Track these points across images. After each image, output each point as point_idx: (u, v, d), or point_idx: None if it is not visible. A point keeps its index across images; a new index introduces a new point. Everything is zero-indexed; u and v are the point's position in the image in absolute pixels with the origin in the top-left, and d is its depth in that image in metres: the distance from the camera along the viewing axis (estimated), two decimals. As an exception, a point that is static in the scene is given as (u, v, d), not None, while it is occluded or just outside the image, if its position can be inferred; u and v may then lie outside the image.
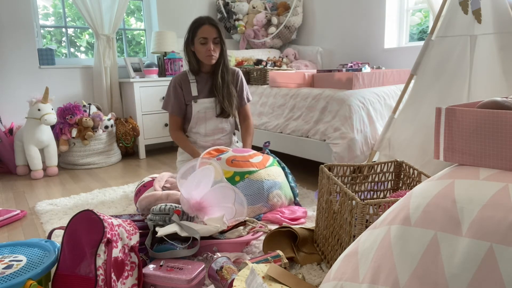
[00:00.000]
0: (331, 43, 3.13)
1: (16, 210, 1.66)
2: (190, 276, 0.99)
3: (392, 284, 0.56)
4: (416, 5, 2.70)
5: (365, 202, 0.94)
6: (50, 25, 2.89)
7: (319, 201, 1.24)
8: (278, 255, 1.09)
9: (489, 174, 0.60)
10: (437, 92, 1.58)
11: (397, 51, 2.67)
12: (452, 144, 0.66)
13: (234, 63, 2.77)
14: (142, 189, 1.58)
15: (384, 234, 0.62)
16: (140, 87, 2.78)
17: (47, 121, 2.26)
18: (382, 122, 1.93)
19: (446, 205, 0.57)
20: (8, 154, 2.40)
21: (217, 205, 1.26)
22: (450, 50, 1.55)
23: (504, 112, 0.59)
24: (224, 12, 3.30)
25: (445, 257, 0.53)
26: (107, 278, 0.90)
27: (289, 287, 0.93)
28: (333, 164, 1.26)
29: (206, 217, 1.26)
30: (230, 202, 1.27)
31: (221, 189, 1.28)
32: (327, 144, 1.86)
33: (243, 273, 0.95)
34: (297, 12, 3.25)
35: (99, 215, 0.96)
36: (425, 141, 1.60)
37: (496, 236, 0.50)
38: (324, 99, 1.95)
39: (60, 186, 2.15)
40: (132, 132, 2.76)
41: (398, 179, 1.32)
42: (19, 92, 2.64)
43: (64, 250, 0.96)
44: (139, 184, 1.63)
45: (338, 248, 1.06)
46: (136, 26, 3.32)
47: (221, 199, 1.27)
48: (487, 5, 1.48)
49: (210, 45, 1.71)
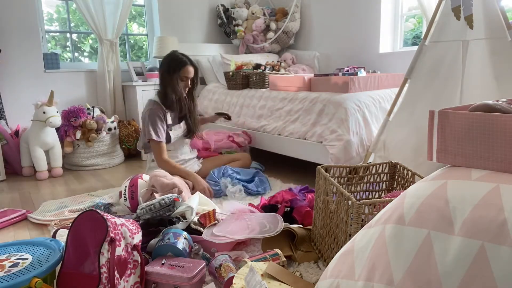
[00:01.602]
0: (328, 48, 3.16)
1: (22, 210, 1.69)
2: (191, 274, 1.00)
3: (387, 281, 0.57)
4: (410, 11, 2.73)
5: (360, 202, 0.96)
6: (54, 30, 2.94)
7: (316, 201, 1.26)
8: (276, 254, 1.11)
9: (480, 174, 0.60)
10: (431, 95, 1.59)
11: (391, 56, 2.70)
12: (445, 145, 0.67)
13: (233, 67, 2.82)
14: (134, 191, 1.60)
15: (379, 233, 0.63)
16: (142, 91, 2.83)
17: (52, 124, 2.30)
18: (377, 124, 1.95)
19: (439, 205, 0.58)
20: (14, 156, 2.44)
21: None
22: (443, 55, 1.56)
23: (495, 115, 0.60)
24: (224, 17, 3.35)
25: (438, 255, 0.54)
26: (110, 276, 0.91)
27: (287, 284, 0.94)
28: (330, 166, 1.28)
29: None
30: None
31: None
32: (324, 146, 1.90)
33: (243, 271, 0.97)
34: (295, 18, 3.30)
35: (103, 215, 0.96)
36: (418, 143, 1.61)
37: (487, 235, 0.51)
38: (321, 102, 1.99)
39: (65, 186, 2.19)
40: (134, 134, 2.81)
41: (393, 180, 1.34)
42: (25, 95, 2.69)
43: (68, 248, 0.97)
44: (125, 190, 1.61)
45: (335, 247, 1.08)
46: (138, 31, 3.38)
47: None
48: (479, 11, 1.50)
49: (188, 83, 1.96)
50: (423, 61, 1.61)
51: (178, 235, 1.18)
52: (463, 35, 1.53)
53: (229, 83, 2.80)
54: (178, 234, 1.18)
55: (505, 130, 0.60)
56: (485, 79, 1.50)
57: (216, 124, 2.88)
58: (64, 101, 2.82)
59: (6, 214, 1.64)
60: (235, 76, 2.72)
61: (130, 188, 1.62)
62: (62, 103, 2.78)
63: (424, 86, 1.62)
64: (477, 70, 1.52)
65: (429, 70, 1.60)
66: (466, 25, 1.52)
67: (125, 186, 1.63)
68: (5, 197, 2.02)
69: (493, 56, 1.48)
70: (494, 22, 1.48)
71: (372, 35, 2.79)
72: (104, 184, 2.21)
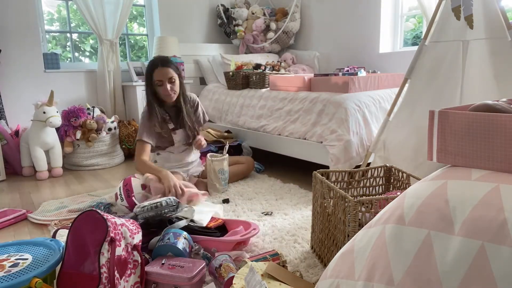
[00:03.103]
0: (328, 48, 3.17)
1: (22, 210, 1.69)
2: (191, 274, 1.00)
3: (387, 281, 0.57)
4: (410, 11, 2.73)
5: (357, 199, 0.96)
6: (55, 30, 2.95)
7: (314, 206, 1.26)
8: (276, 254, 1.11)
9: (480, 174, 0.60)
10: (431, 95, 1.59)
11: (391, 56, 2.70)
12: (445, 145, 0.67)
13: (233, 67, 2.82)
14: (130, 190, 1.60)
15: (379, 233, 0.63)
16: (142, 91, 2.80)
17: (52, 124, 2.31)
18: (377, 124, 1.95)
19: (439, 205, 0.58)
20: (14, 156, 2.44)
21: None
22: (443, 55, 1.56)
23: (495, 115, 0.61)
24: (224, 17, 3.36)
25: (438, 255, 0.54)
26: (110, 276, 0.91)
27: (287, 284, 0.94)
28: (326, 171, 1.29)
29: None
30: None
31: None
32: (324, 146, 1.90)
33: (243, 271, 0.97)
34: (295, 18, 3.30)
35: (103, 215, 0.96)
36: (418, 143, 1.61)
37: (487, 234, 0.51)
38: (321, 102, 1.99)
39: (65, 186, 2.19)
40: (134, 134, 2.80)
41: (389, 183, 1.35)
42: (25, 95, 2.69)
43: (68, 248, 0.97)
44: (120, 191, 1.61)
45: (334, 249, 1.08)
46: (138, 31, 3.38)
47: None
48: (479, 11, 1.50)
49: (167, 85, 1.80)
50: (423, 61, 1.61)
51: (178, 235, 1.18)
52: (463, 35, 1.53)
53: (229, 83, 2.81)
54: (178, 234, 1.18)
55: (505, 130, 0.60)
56: (485, 79, 1.50)
57: (213, 123, 2.88)
58: (64, 101, 2.82)
59: (6, 214, 1.65)
60: (235, 76, 2.72)
61: (125, 187, 1.61)
62: (62, 103, 2.78)
63: (424, 86, 1.62)
64: (477, 70, 1.52)
65: (429, 70, 1.60)
66: (466, 25, 1.52)
67: (119, 187, 1.64)
68: (5, 197, 2.02)
69: (493, 56, 1.48)
70: (494, 22, 1.48)
71: (372, 35, 2.79)
72: (104, 184, 2.22)
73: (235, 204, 1.77)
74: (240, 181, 2.14)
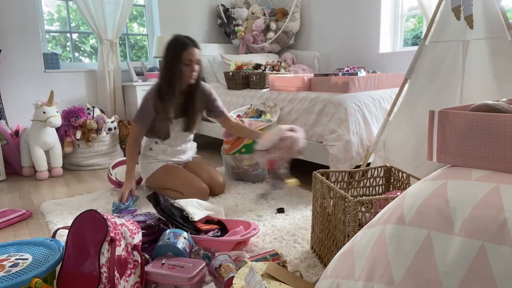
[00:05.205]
0: (328, 48, 3.17)
1: (22, 210, 1.69)
2: (191, 274, 1.00)
3: (387, 281, 0.57)
4: (410, 11, 2.73)
5: (356, 199, 0.96)
6: (55, 30, 2.95)
7: (314, 206, 1.26)
8: (276, 254, 1.11)
9: (480, 174, 0.61)
10: (431, 95, 1.59)
11: (391, 56, 2.70)
12: (445, 146, 0.67)
13: (233, 67, 2.82)
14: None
15: (379, 233, 0.63)
16: (142, 91, 2.83)
17: (52, 124, 2.31)
18: (377, 124, 1.95)
19: (439, 205, 0.58)
20: (14, 156, 2.44)
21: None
22: (443, 55, 1.56)
23: (495, 115, 0.61)
24: (224, 17, 3.36)
25: (438, 255, 0.54)
26: (110, 276, 0.91)
27: (287, 284, 0.95)
28: (326, 171, 1.29)
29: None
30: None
31: None
32: (324, 146, 1.90)
33: (243, 271, 0.97)
34: (295, 18, 3.30)
35: (103, 215, 0.97)
36: (418, 143, 1.61)
37: (487, 235, 0.51)
38: (321, 102, 1.99)
39: (65, 186, 2.20)
40: (134, 135, 2.81)
41: (389, 184, 1.35)
42: (25, 95, 2.70)
43: (68, 248, 0.97)
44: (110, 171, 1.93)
45: (334, 249, 1.08)
46: (138, 31, 3.38)
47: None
48: (479, 11, 1.50)
49: (194, 67, 1.77)
50: (423, 61, 1.62)
51: (178, 235, 1.18)
52: (463, 35, 1.54)
53: (229, 83, 2.81)
54: (178, 234, 1.18)
55: (505, 130, 0.60)
56: (485, 79, 1.50)
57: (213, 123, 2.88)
58: (64, 101, 2.83)
59: (6, 214, 1.65)
60: (235, 76, 2.72)
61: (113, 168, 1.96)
62: (62, 103, 2.78)
63: (424, 86, 1.62)
64: (477, 70, 1.53)
65: (429, 70, 1.60)
66: (466, 25, 1.52)
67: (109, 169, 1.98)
68: (5, 197, 2.02)
69: (493, 56, 1.48)
70: (494, 22, 1.48)
71: (372, 35, 2.79)
72: (104, 184, 2.22)
73: (235, 204, 1.77)
74: (240, 181, 2.14)
